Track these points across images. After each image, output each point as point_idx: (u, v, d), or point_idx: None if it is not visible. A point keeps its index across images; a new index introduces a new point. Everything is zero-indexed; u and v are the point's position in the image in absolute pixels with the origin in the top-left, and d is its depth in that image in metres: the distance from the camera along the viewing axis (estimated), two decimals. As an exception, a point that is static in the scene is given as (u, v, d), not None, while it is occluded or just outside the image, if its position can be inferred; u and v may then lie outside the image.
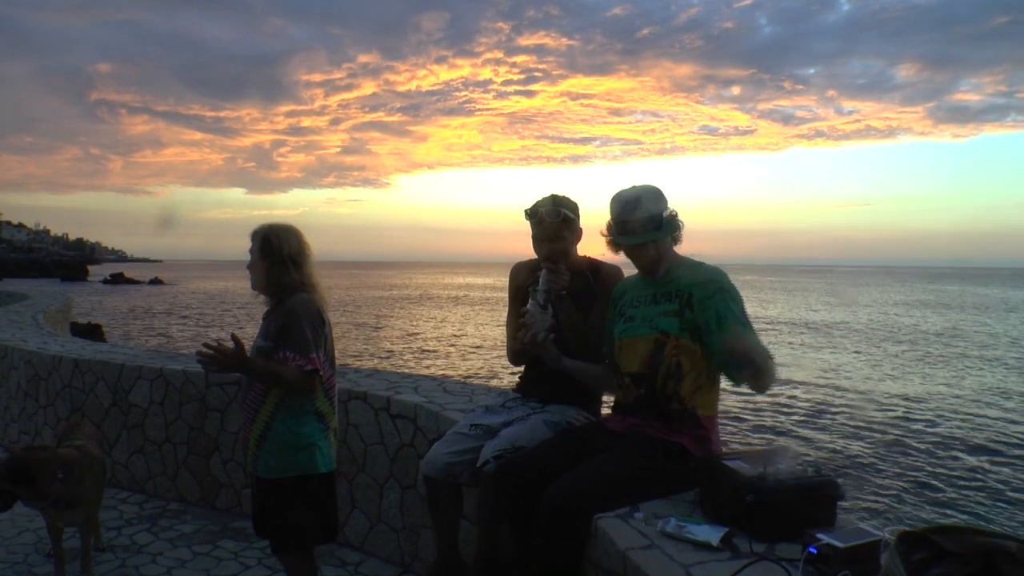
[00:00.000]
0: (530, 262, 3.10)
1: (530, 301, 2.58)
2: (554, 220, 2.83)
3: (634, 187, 2.53)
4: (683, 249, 2.55)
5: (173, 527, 4.53)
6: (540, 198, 2.91)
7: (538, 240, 2.90)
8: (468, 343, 26.53)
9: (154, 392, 5.07)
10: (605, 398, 3.10)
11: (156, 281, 76.41)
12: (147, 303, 44.20)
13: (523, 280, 3.07)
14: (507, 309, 3.13)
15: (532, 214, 2.87)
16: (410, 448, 3.76)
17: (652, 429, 2.42)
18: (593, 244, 3.02)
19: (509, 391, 3.14)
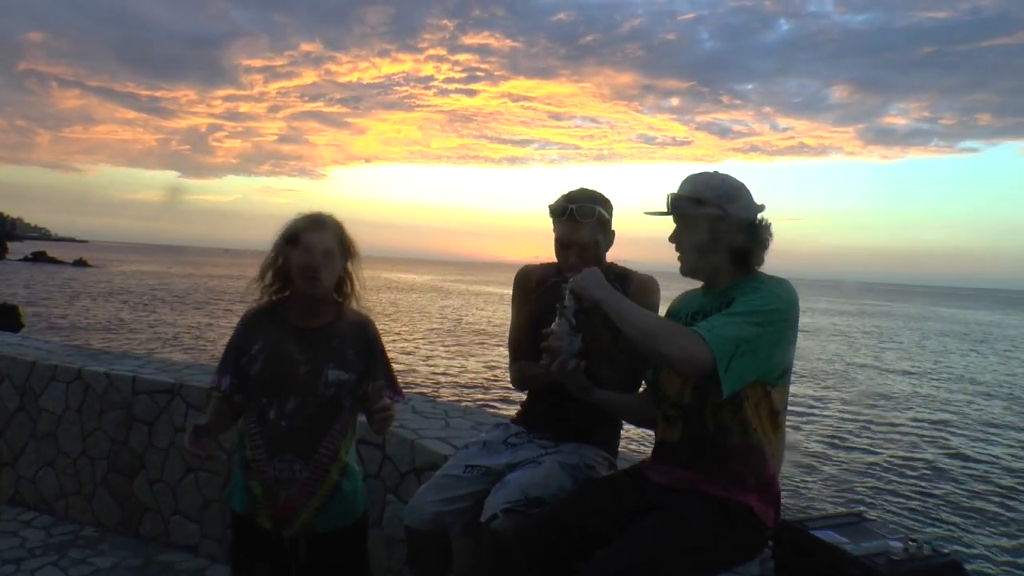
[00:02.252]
0: (543, 267, 2.59)
1: (557, 320, 2.06)
2: (588, 220, 2.32)
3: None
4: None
5: (87, 559, 3.85)
6: (568, 191, 2.40)
7: (565, 244, 2.38)
8: (418, 347, 25.73)
9: (71, 396, 4.37)
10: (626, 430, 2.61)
11: (81, 262, 72.83)
12: (70, 285, 41.91)
13: (532, 289, 2.55)
14: (511, 321, 2.60)
15: (560, 211, 2.36)
16: (376, 480, 3.21)
17: (710, 483, 1.92)
18: (621, 249, 2.53)
19: (509, 423, 2.61)
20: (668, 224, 2.06)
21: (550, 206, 2.39)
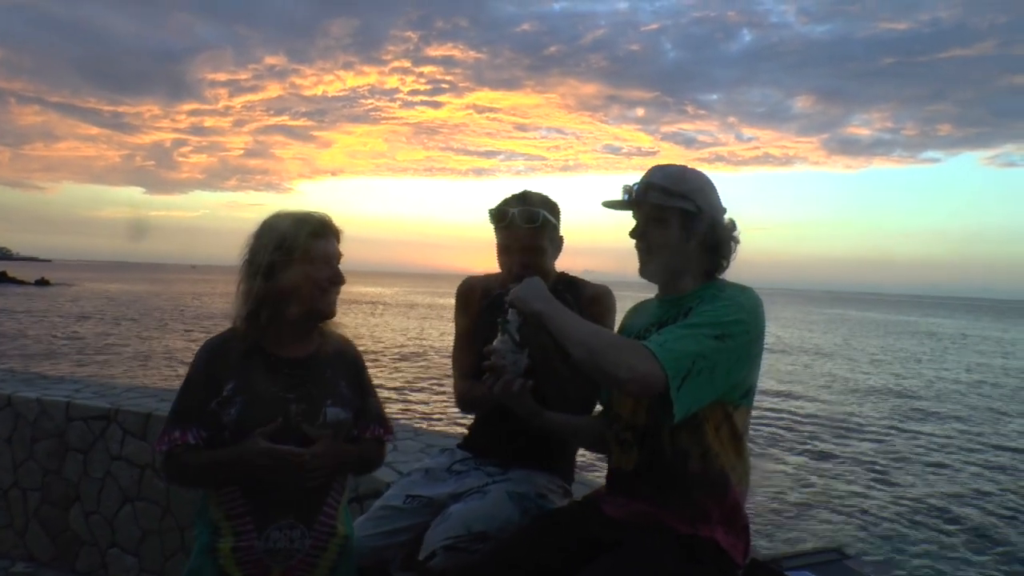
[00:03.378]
0: (487, 279, 2.41)
1: (499, 337, 1.88)
2: (531, 225, 2.15)
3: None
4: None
5: (15, 599, 3.60)
6: (509, 195, 2.22)
7: (508, 251, 2.20)
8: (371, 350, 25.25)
9: (0, 425, 4.10)
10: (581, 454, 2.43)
11: (43, 282, 71.13)
12: (28, 305, 40.82)
13: (475, 303, 2.38)
14: (454, 338, 2.42)
15: (500, 216, 2.18)
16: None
17: (671, 516, 1.75)
18: (572, 258, 2.37)
19: (455, 448, 2.42)
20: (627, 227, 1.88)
21: (490, 211, 2.21)
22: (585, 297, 2.26)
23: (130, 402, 3.95)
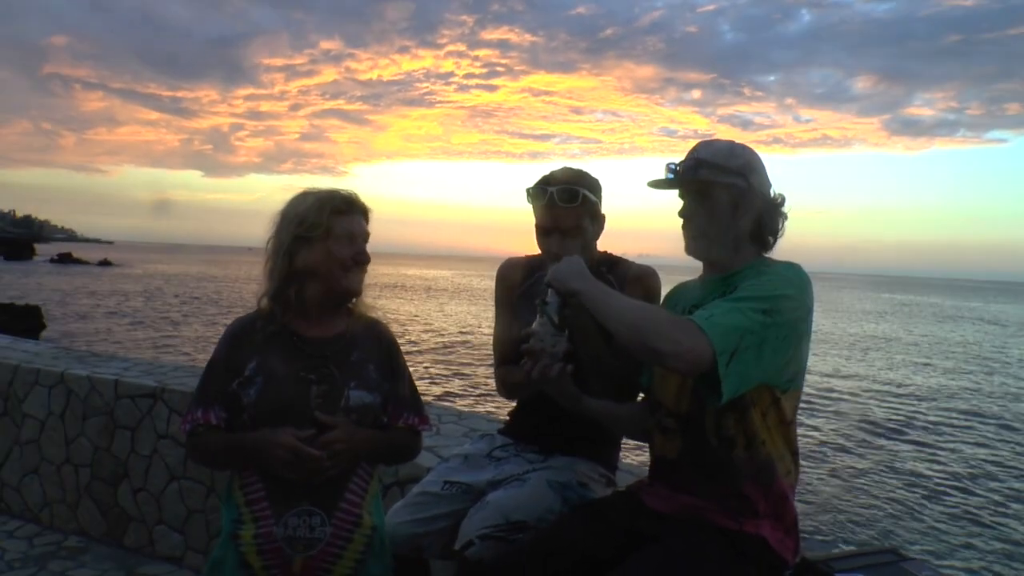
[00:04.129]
0: (527, 260, 2.31)
1: (538, 319, 1.79)
2: (570, 204, 2.04)
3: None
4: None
5: (66, 572, 3.64)
6: (548, 172, 2.12)
7: (546, 231, 2.10)
8: (419, 334, 25.36)
9: (53, 402, 4.17)
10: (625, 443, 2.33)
11: (105, 263, 73.62)
12: (92, 285, 42.21)
13: (516, 285, 2.28)
14: (495, 322, 2.33)
15: (538, 194, 2.07)
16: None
17: (717, 510, 1.64)
18: (615, 239, 2.26)
19: (495, 433, 2.34)
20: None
21: (528, 189, 2.10)
22: (629, 277, 2.15)
23: (176, 381, 3.97)
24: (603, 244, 2.21)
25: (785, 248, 1.78)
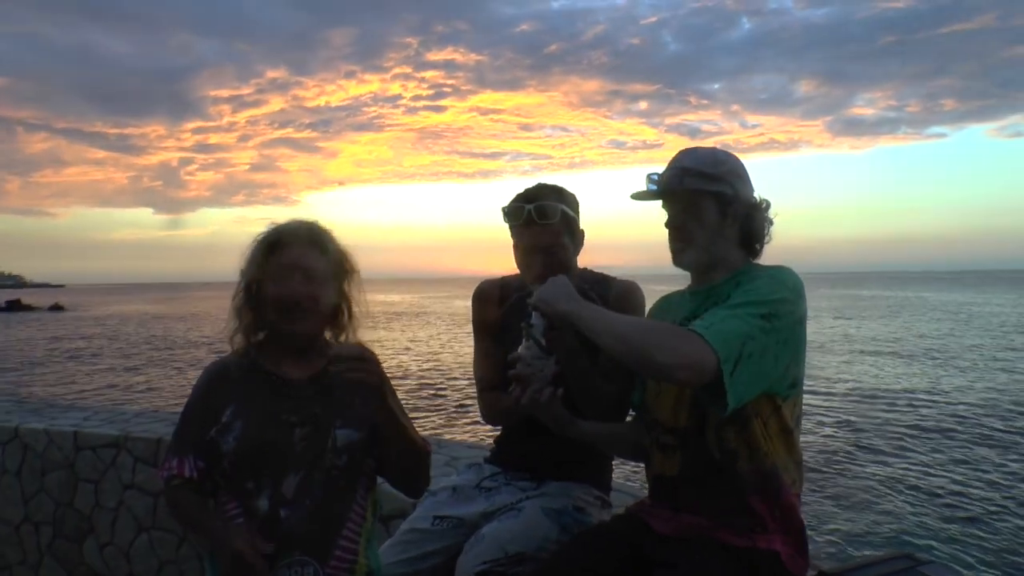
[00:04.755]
0: (502, 281, 2.23)
1: (524, 343, 1.71)
2: (549, 222, 1.97)
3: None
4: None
5: (31, 640, 3.46)
6: (523, 189, 2.05)
7: (526, 251, 2.02)
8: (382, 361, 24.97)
9: (8, 459, 3.98)
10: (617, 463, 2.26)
11: (57, 307, 71.64)
12: (42, 332, 40.94)
13: (494, 308, 2.20)
14: (474, 347, 2.25)
15: (515, 213, 2.00)
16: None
17: (726, 527, 1.58)
18: (595, 254, 2.20)
19: (482, 463, 2.25)
20: (639, 224, 1.73)
21: (503, 209, 2.03)
22: (612, 293, 2.09)
23: (140, 428, 3.82)
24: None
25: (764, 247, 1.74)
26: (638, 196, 1.73)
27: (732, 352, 1.42)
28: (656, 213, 1.80)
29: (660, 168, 1.74)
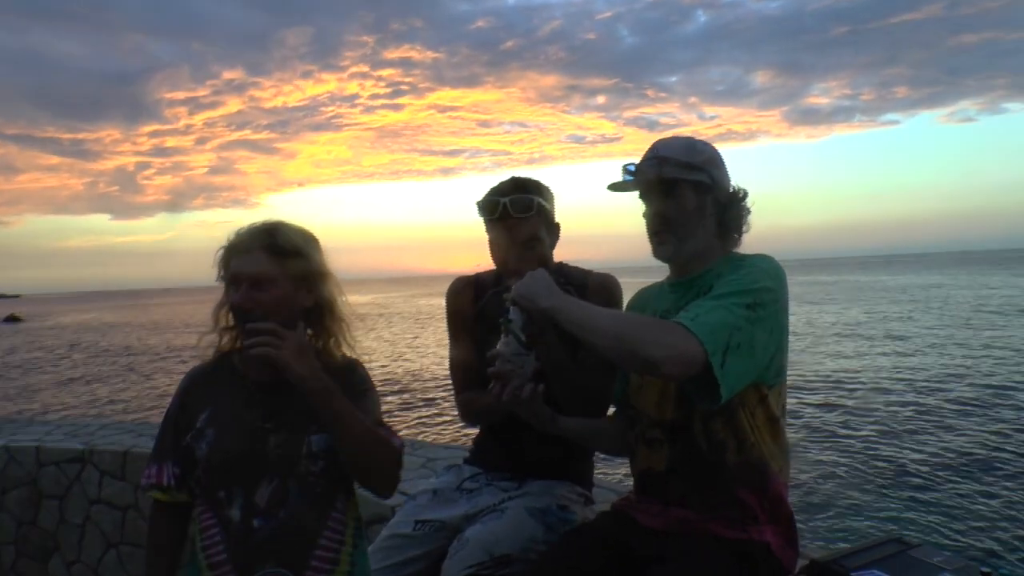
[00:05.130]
0: (476, 277, 2.20)
1: (503, 339, 1.68)
2: (525, 215, 1.94)
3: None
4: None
5: (-3, 665, 3.34)
6: (498, 183, 2.01)
7: (501, 245, 2.00)
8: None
9: (-34, 477, 3.84)
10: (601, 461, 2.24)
11: (12, 319, 69.69)
12: (3, 343, 39.85)
13: (468, 305, 2.16)
14: (450, 346, 2.20)
15: (490, 207, 1.97)
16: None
17: (716, 520, 1.56)
18: (571, 247, 2.17)
19: (462, 464, 2.22)
20: (610, 217, 1.72)
21: (478, 203, 2.00)
22: (590, 286, 2.07)
23: (105, 440, 3.70)
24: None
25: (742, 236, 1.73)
26: (615, 187, 1.71)
27: (720, 344, 1.40)
28: (628, 205, 1.78)
29: (625, 160, 1.72)
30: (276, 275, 1.54)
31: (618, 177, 1.71)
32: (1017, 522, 7.38)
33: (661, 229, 1.67)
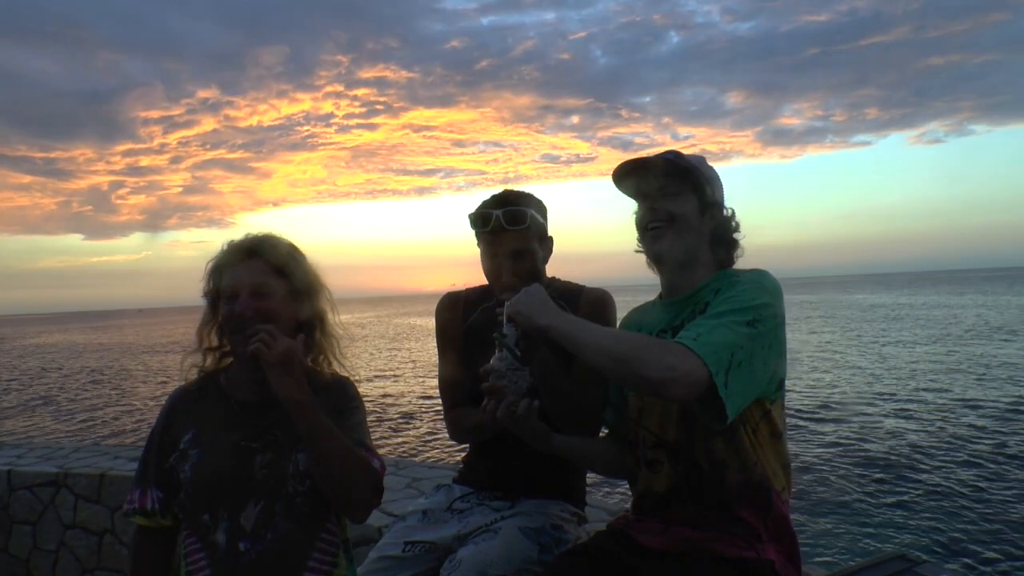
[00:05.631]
0: (467, 293, 2.17)
1: (497, 354, 1.64)
2: (518, 228, 1.92)
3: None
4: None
5: None
6: (491, 195, 1.99)
7: (494, 258, 1.96)
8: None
9: (-65, 503, 3.71)
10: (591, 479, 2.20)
11: (-18, 340, 68.48)
12: (-30, 366, 38.88)
13: (460, 320, 2.13)
14: (439, 363, 2.17)
15: (482, 220, 1.94)
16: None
17: (718, 539, 1.53)
18: (562, 264, 2.15)
19: (452, 484, 2.17)
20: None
21: (470, 216, 1.98)
22: (583, 302, 2.04)
23: (81, 463, 3.60)
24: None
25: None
26: (623, 168, 1.69)
27: (723, 363, 1.39)
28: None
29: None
30: (275, 286, 1.53)
31: (604, 186, 1.71)
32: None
33: (662, 222, 1.65)
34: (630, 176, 1.70)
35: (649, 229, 1.67)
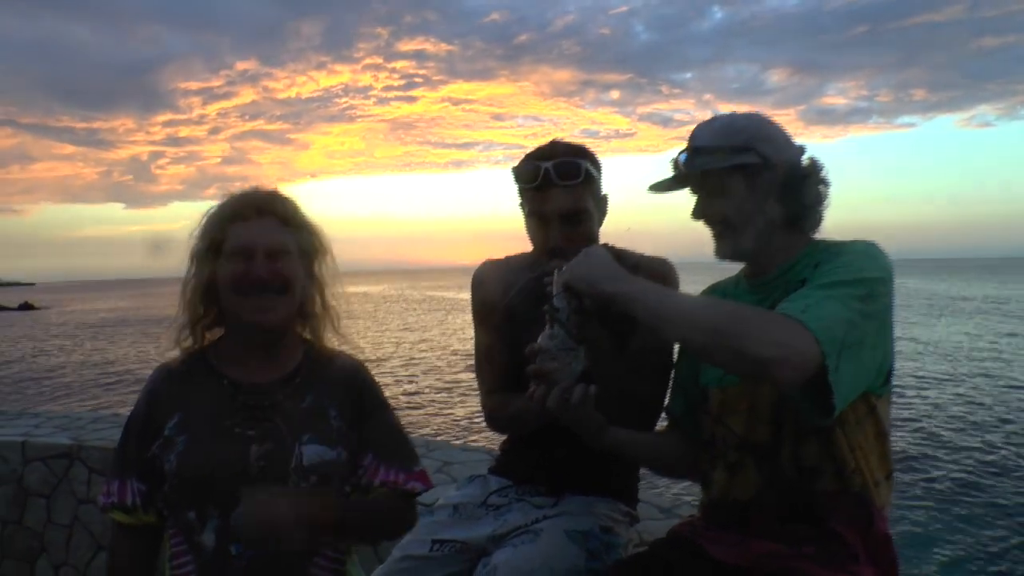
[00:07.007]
0: (507, 261, 1.90)
1: (547, 332, 1.38)
2: (572, 183, 1.64)
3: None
4: None
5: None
6: (538, 147, 1.71)
7: (543, 218, 1.68)
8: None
9: (-51, 472, 3.59)
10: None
11: (26, 306, 70.01)
12: (10, 333, 39.80)
13: (501, 292, 1.86)
14: (476, 340, 1.91)
15: (529, 174, 1.65)
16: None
17: (810, 557, 1.27)
18: (618, 229, 1.87)
19: (487, 475, 1.92)
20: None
21: (514, 169, 1.68)
22: (640, 273, 1.76)
23: (96, 435, 3.46)
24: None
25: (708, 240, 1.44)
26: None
27: (835, 343, 1.12)
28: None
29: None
30: (290, 246, 1.32)
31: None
32: None
33: (715, 227, 1.41)
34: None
35: (712, 234, 1.43)
